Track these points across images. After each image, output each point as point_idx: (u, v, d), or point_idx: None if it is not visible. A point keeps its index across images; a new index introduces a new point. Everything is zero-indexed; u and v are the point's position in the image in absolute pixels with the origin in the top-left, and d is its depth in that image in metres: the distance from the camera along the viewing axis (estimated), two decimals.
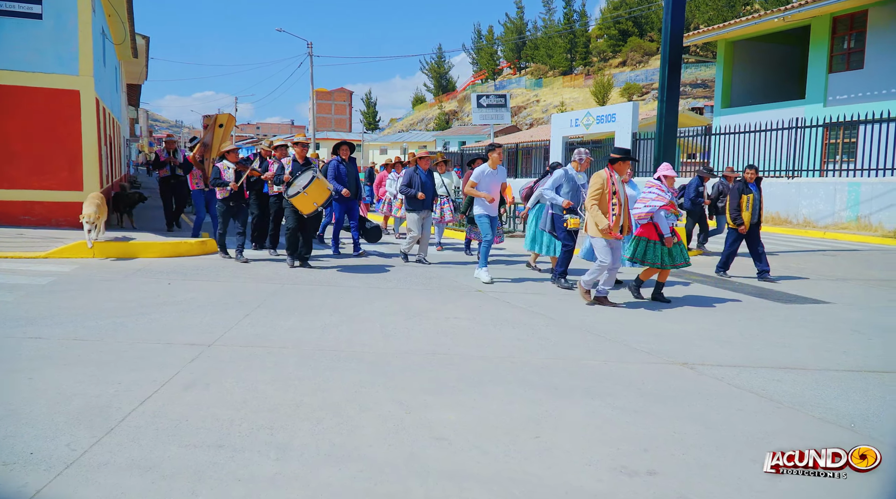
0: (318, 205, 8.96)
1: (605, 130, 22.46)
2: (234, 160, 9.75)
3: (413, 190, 9.99)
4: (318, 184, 8.96)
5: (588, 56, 73.89)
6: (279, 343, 5.40)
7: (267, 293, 7.49)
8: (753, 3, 56.46)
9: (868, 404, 4.28)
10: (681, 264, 7.45)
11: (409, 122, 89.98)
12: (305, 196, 8.86)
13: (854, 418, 4.03)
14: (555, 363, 5.08)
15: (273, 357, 4.98)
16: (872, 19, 19.65)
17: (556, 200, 8.09)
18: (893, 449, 3.58)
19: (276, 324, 6.04)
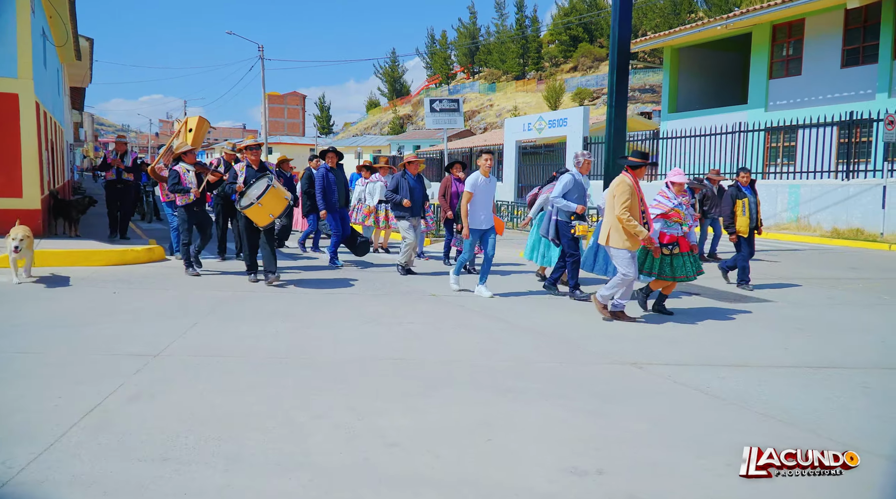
0: (275, 216, 8.16)
1: (557, 134, 22.75)
2: (192, 162, 9.11)
3: (399, 196, 9.51)
4: (273, 193, 8.08)
5: (540, 61, 74.85)
6: (229, 352, 5.30)
7: (217, 301, 7.35)
8: (698, 11, 58.05)
9: (808, 399, 4.42)
10: (681, 278, 6.95)
11: (363, 126, 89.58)
12: (260, 207, 7.98)
13: (795, 412, 4.16)
14: (509, 366, 5.11)
15: (222, 366, 4.89)
16: (809, 27, 20.40)
17: (570, 207, 7.64)
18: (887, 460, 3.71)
19: (227, 332, 5.94)
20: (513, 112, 60.85)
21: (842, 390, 4.62)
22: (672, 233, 6.85)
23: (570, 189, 7.73)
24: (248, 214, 8.13)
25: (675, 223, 6.87)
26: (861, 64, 19.19)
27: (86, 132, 51.97)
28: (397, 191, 9.56)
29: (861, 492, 3.13)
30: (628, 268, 6.55)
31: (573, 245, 7.80)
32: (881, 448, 3.60)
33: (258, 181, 8.28)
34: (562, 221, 7.81)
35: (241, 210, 8.20)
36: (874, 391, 4.62)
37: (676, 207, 6.84)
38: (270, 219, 8.13)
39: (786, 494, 3.09)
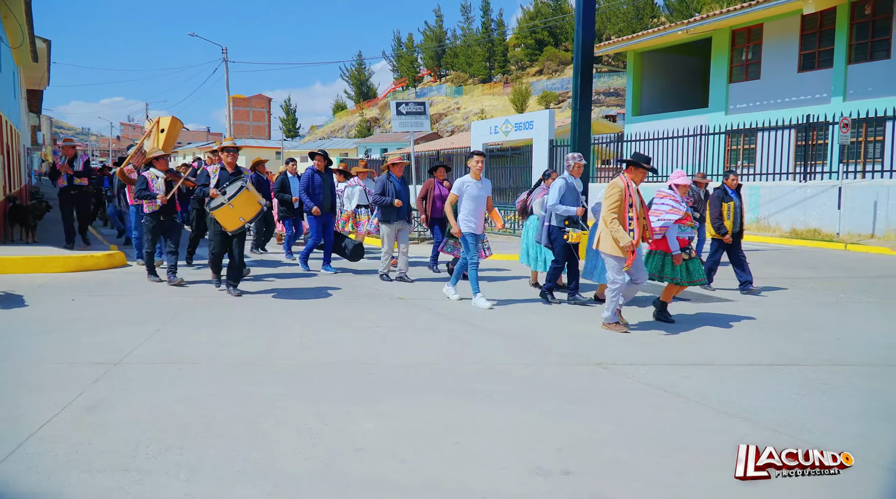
0: (246, 221, 7.73)
1: (523, 136, 22.88)
2: (163, 169, 8.72)
3: (387, 198, 9.12)
4: (247, 196, 7.72)
5: (506, 64, 75.26)
6: (192, 359, 5.22)
7: (180, 307, 7.23)
8: (660, 16, 59.00)
9: (767, 396, 4.52)
10: (697, 281, 6.81)
11: (329, 129, 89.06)
12: (230, 209, 7.59)
13: (754, 409, 4.24)
14: (475, 369, 5.12)
15: (185, 374, 4.81)
16: (767, 33, 20.90)
17: (570, 211, 7.44)
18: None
19: (189, 339, 5.85)
20: (480, 115, 61.08)
21: (799, 387, 4.73)
22: (684, 237, 6.77)
23: (563, 194, 7.55)
24: (217, 216, 7.70)
25: (687, 227, 6.79)
26: (817, 68, 19.72)
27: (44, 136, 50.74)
28: (384, 193, 9.19)
29: (824, 489, 3.21)
30: (617, 274, 6.35)
31: (563, 253, 7.62)
32: (837, 444, 3.69)
33: (232, 184, 7.92)
34: (554, 226, 7.63)
35: (209, 211, 7.77)
36: (829, 388, 4.73)
37: (687, 211, 6.73)
38: (241, 223, 7.72)
39: (755, 493, 3.15)
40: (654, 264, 6.85)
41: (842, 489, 3.16)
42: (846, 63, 18.83)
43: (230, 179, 8.01)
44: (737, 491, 3.14)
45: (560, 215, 7.58)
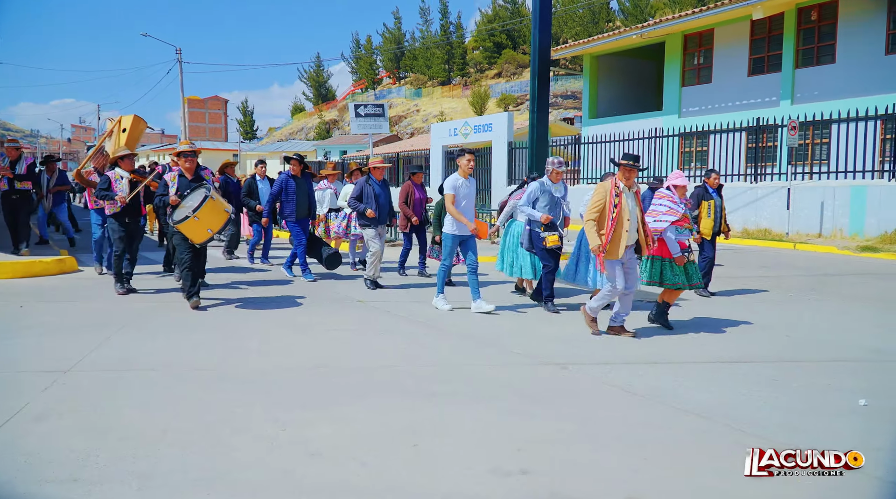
0: (214, 232, 7.28)
1: (482, 139, 23.01)
2: (129, 169, 8.18)
3: (363, 205, 8.66)
4: (212, 205, 7.19)
5: (465, 67, 75.50)
6: (146, 365, 5.11)
7: (134, 313, 7.07)
8: (615, 21, 59.97)
9: (721, 393, 4.62)
10: (696, 284, 6.67)
11: (288, 131, 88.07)
12: (196, 221, 7.08)
13: (709, 405, 4.34)
14: (435, 370, 5.13)
15: (138, 381, 4.71)
16: (718, 37, 21.43)
17: (533, 215, 7.34)
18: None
19: (144, 345, 5.72)
20: (439, 117, 61.18)
21: (751, 383, 4.85)
22: (681, 239, 6.56)
23: (536, 197, 7.42)
24: (183, 230, 7.16)
25: (685, 229, 6.60)
26: (766, 72, 20.29)
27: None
28: (361, 198, 8.73)
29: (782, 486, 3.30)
30: (613, 278, 6.15)
31: (545, 256, 7.41)
32: (787, 439, 3.80)
33: (193, 192, 7.38)
34: (534, 230, 7.45)
35: (173, 225, 7.22)
36: (780, 383, 4.87)
37: (685, 212, 6.57)
38: (208, 235, 7.22)
39: (708, 488, 3.23)
40: (653, 271, 6.64)
41: (785, 480, 3.25)
42: (794, 67, 19.42)
43: (190, 186, 7.50)
44: (690, 487, 3.21)
45: (526, 217, 7.49)
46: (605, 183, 6.19)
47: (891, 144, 15.03)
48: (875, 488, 3.23)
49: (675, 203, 6.54)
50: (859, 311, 7.78)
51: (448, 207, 7.43)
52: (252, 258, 11.51)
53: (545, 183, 7.48)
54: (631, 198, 6.16)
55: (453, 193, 7.40)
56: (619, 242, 6.04)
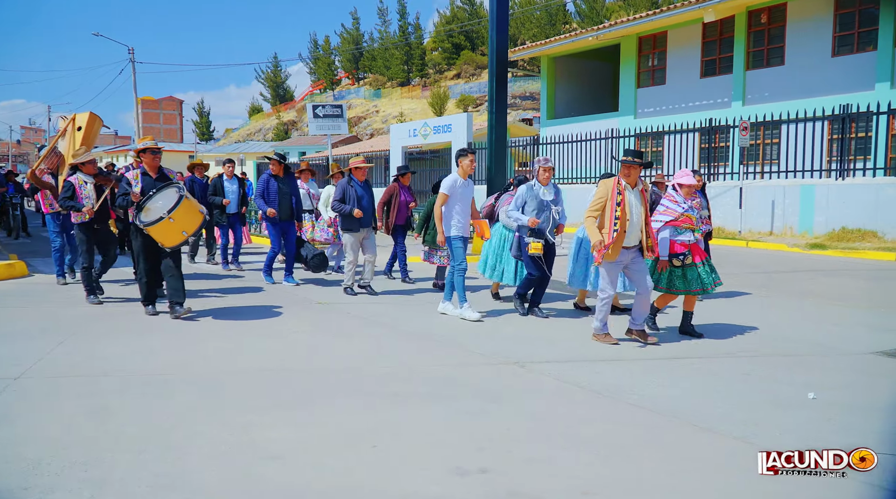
0: (189, 234, 6.75)
1: (442, 139, 23.03)
2: (92, 172, 7.69)
3: (347, 207, 8.23)
4: (188, 206, 6.66)
5: (424, 68, 75.51)
6: (99, 371, 4.99)
7: (87, 317, 6.90)
8: (572, 23, 60.71)
9: (674, 388, 4.73)
10: (710, 289, 6.30)
11: (245, 132, 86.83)
12: (171, 223, 6.54)
13: (662, 401, 4.44)
14: (395, 371, 5.13)
15: (91, 386, 4.60)
16: (671, 40, 21.88)
17: (520, 220, 6.94)
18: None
19: (96, 350, 5.59)
20: (399, 118, 61.07)
21: (704, 379, 4.98)
22: (683, 240, 6.16)
23: (524, 201, 7.02)
24: (154, 233, 6.60)
25: (685, 230, 6.17)
26: (718, 74, 20.78)
27: None
28: (344, 200, 8.28)
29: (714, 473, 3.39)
30: (605, 284, 5.92)
31: (531, 264, 7.02)
32: (733, 430, 3.91)
33: (161, 192, 6.79)
34: (523, 237, 7.06)
35: (143, 227, 6.59)
36: (732, 378, 5.00)
37: (687, 212, 6.17)
38: (183, 238, 6.71)
39: (659, 484, 3.30)
40: (661, 276, 6.25)
41: (737, 473, 3.35)
42: (744, 69, 19.93)
43: (155, 185, 6.89)
44: (644, 482, 3.28)
45: (514, 223, 7.11)
46: (607, 180, 5.98)
47: (837, 144, 15.54)
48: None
49: (676, 202, 6.24)
50: (809, 307, 8.04)
51: (435, 208, 7.19)
52: (226, 263, 10.90)
53: (533, 186, 7.06)
54: (635, 196, 5.91)
55: (447, 193, 7.06)
56: (618, 243, 5.79)
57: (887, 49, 16.92)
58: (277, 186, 9.05)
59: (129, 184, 6.85)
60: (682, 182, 6.29)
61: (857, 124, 15.18)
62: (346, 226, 8.39)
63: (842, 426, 3.94)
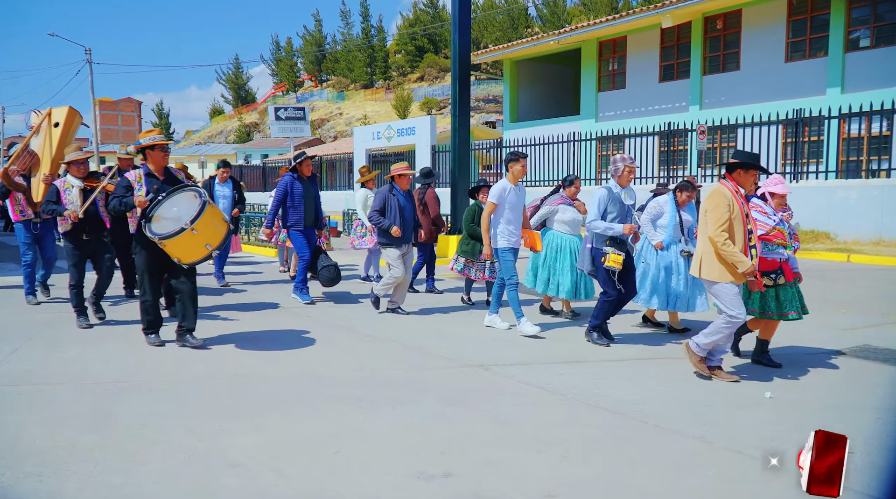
0: (213, 248, 5.57)
1: (405, 142, 23.04)
2: (81, 175, 6.74)
3: (386, 221, 7.31)
4: (212, 214, 5.58)
5: (388, 70, 75.41)
6: (54, 378, 4.86)
7: (41, 324, 6.71)
8: (534, 26, 61.28)
9: (636, 390, 4.79)
10: (801, 314, 5.43)
11: (206, 134, 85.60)
12: (193, 235, 5.39)
13: (625, 402, 4.49)
14: (358, 375, 5.10)
15: (44, 395, 4.48)
16: (631, 44, 22.25)
17: (613, 230, 5.89)
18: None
19: (50, 358, 5.44)
20: (362, 121, 60.83)
21: (665, 379, 5.06)
22: (774, 258, 5.40)
23: (606, 207, 6.00)
24: (172, 247, 5.44)
25: (777, 246, 5.37)
26: (676, 79, 21.20)
27: None
28: (384, 212, 7.39)
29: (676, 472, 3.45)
30: (734, 307, 4.87)
31: (609, 281, 6.01)
32: (696, 431, 3.98)
33: (173, 196, 5.63)
34: (598, 249, 6.06)
35: (158, 240, 5.42)
36: (693, 379, 5.08)
37: (778, 226, 5.35)
38: (206, 252, 5.53)
39: (621, 483, 3.34)
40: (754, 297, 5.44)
41: (697, 472, 3.41)
42: (701, 74, 20.36)
43: (165, 188, 5.72)
44: (606, 483, 3.32)
45: (600, 235, 6.01)
46: (720, 190, 4.93)
47: (792, 148, 15.97)
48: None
49: (766, 214, 5.37)
50: None
51: (483, 218, 6.58)
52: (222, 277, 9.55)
53: (613, 189, 6.09)
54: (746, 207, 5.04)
55: (496, 202, 6.44)
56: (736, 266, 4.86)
57: (838, 55, 17.47)
58: (303, 189, 7.95)
59: (130, 187, 5.66)
60: (774, 191, 5.43)
61: (809, 128, 15.64)
62: (387, 240, 7.41)
63: (795, 425, 4.03)
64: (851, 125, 15.89)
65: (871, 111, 14.13)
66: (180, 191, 5.71)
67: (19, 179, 7.44)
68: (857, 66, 17.19)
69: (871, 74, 16.46)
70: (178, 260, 5.52)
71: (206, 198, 5.55)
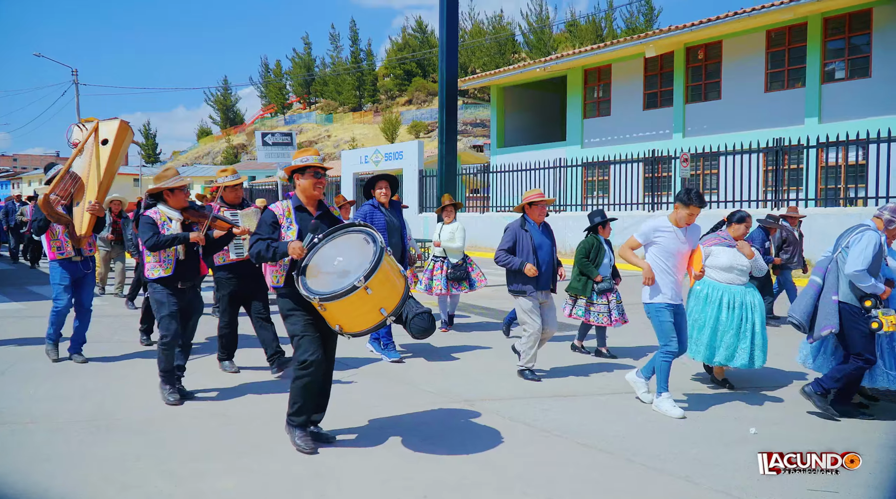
0: (389, 313, 4.03)
1: (393, 166, 23.11)
2: (181, 205, 5.25)
3: (516, 260, 5.85)
4: (390, 266, 4.12)
5: (376, 94, 75.88)
6: (24, 417, 4.74)
7: (15, 357, 6.57)
8: (521, 52, 61.99)
9: (623, 426, 4.75)
10: None
11: (194, 155, 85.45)
12: (367, 295, 3.91)
13: (612, 438, 4.45)
14: (342, 412, 5.01)
15: (16, 436, 4.36)
16: (615, 73, 22.56)
17: (877, 289, 4.82)
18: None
19: (21, 394, 5.31)
20: (351, 143, 61.04)
21: (652, 414, 5.02)
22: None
23: (874, 257, 4.84)
24: (336, 310, 3.96)
25: None
26: (659, 107, 21.47)
27: None
28: (514, 250, 5.96)
29: None
30: None
31: (869, 344, 4.88)
32: (684, 469, 3.95)
33: (333, 240, 4.24)
34: (848, 305, 4.92)
35: (318, 301, 3.94)
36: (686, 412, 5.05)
37: None
38: (381, 318, 4.02)
39: None
40: None
41: None
42: (684, 103, 20.65)
43: (321, 227, 4.32)
44: None
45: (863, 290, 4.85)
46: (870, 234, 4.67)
47: (772, 176, 16.15)
48: None
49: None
50: None
51: (624, 251, 5.47)
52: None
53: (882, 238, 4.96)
54: None
55: (642, 242, 5.33)
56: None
57: (815, 86, 17.80)
58: (385, 221, 6.57)
59: (276, 224, 4.26)
60: None
61: (789, 157, 15.83)
62: (517, 285, 5.93)
63: None
64: (829, 154, 16.13)
65: (848, 141, 14.34)
66: (344, 232, 4.29)
67: (61, 209, 6.18)
68: (833, 96, 17.52)
69: (847, 105, 16.80)
70: (338, 329, 4.08)
71: (382, 244, 4.07)
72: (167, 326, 5.11)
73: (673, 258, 5.23)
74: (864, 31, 17.20)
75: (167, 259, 5.11)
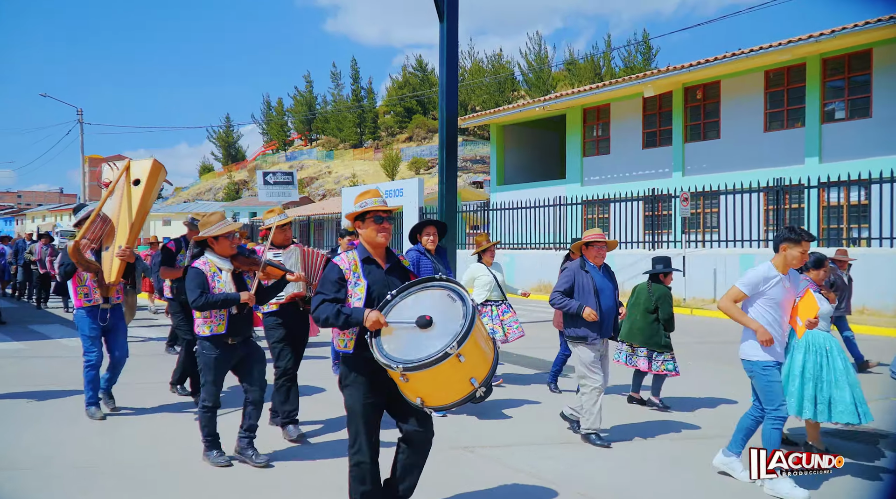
0: (479, 383, 3.39)
1: (393, 204, 23.21)
2: (229, 253, 4.85)
3: (574, 303, 5.41)
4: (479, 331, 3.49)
5: (377, 131, 76.73)
6: (19, 463, 4.68)
7: (8, 403, 6.50)
8: (520, 90, 62.81)
9: (624, 474, 4.68)
10: None
11: (195, 191, 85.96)
12: (460, 364, 3.30)
13: (612, 488, 4.38)
14: (340, 462, 4.94)
15: (9, 483, 4.30)
16: (614, 112, 22.79)
17: None
18: None
19: (17, 439, 5.25)
20: (351, 180, 61.44)
21: (655, 463, 4.95)
22: None
23: None
24: (419, 381, 3.36)
25: None
26: (659, 146, 21.64)
27: None
28: (571, 292, 5.52)
29: None
30: None
31: None
32: None
33: (410, 295, 3.61)
34: None
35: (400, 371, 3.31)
36: (682, 463, 4.96)
37: None
38: (471, 388, 3.39)
39: None
40: None
41: None
42: (683, 142, 20.81)
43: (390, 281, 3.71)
44: None
45: None
46: None
47: (773, 215, 16.21)
48: None
49: None
50: None
51: (723, 303, 4.76)
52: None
53: None
54: None
55: (747, 292, 4.69)
56: None
57: (814, 126, 17.94)
58: (433, 266, 6.06)
59: (343, 280, 3.62)
60: None
61: (790, 196, 15.91)
62: (576, 332, 5.44)
63: None
64: (831, 194, 16.20)
65: (850, 181, 14.43)
66: (422, 288, 3.62)
67: (90, 255, 5.83)
68: (833, 136, 17.65)
69: (847, 145, 16.91)
70: (419, 402, 3.43)
71: (471, 303, 3.42)
72: (211, 392, 4.76)
73: (780, 309, 4.73)
74: (864, 71, 17.38)
75: (219, 314, 4.70)
